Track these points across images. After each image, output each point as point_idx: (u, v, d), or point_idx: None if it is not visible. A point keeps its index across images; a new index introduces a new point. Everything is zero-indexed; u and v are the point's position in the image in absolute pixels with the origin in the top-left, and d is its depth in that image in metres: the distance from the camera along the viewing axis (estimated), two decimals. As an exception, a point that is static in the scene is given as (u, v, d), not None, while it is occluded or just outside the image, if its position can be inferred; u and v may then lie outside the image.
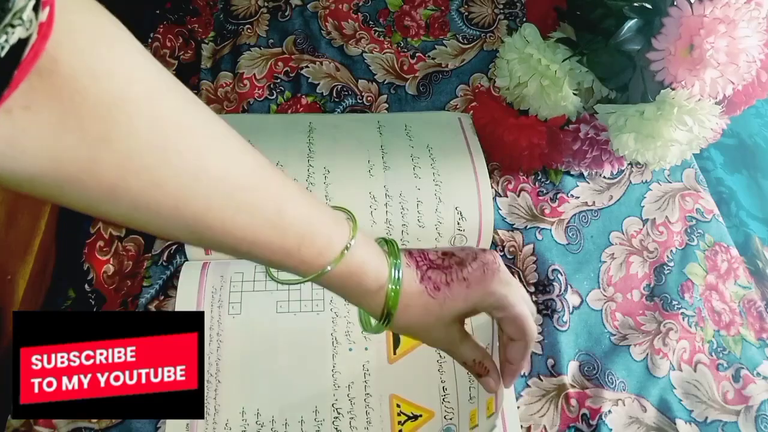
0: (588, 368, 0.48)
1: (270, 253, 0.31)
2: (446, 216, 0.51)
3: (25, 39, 0.19)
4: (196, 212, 0.27)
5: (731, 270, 0.54)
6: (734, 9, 0.41)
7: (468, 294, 0.36)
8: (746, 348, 0.50)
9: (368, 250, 0.35)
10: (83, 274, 0.49)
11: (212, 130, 0.28)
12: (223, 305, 0.47)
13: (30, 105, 0.21)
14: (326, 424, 0.43)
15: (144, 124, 0.25)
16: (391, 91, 0.62)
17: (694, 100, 0.44)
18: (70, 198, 0.25)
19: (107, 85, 0.23)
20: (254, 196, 0.29)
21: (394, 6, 0.67)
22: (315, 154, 0.53)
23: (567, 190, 0.57)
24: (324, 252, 0.32)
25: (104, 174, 0.24)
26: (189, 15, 0.66)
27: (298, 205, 0.32)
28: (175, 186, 0.26)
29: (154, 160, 0.25)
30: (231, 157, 0.29)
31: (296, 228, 0.31)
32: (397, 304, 0.35)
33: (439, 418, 0.43)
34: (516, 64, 0.50)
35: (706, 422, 0.46)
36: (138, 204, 0.26)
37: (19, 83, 0.20)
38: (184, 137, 0.26)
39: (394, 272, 0.35)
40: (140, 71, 0.25)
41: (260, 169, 0.30)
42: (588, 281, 0.52)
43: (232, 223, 0.29)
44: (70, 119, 0.22)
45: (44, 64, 0.21)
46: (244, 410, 0.43)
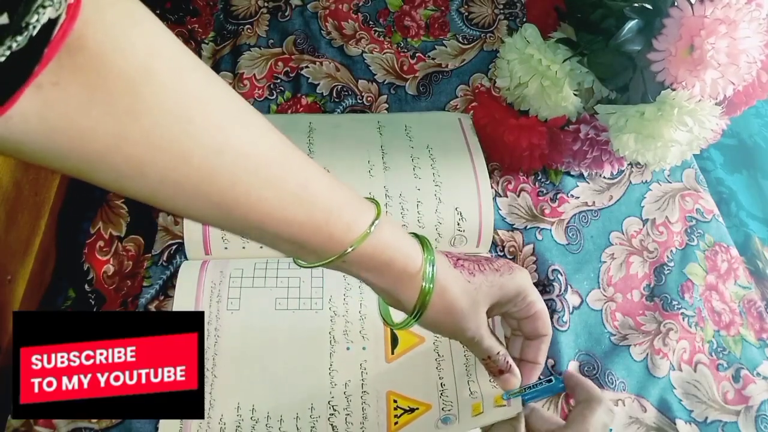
0: (588, 368, 0.48)
1: (298, 230, 0.30)
2: (446, 216, 0.51)
3: (55, 19, 0.20)
4: (222, 187, 0.27)
5: (731, 270, 0.54)
6: (735, 10, 0.41)
7: (500, 281, 0.37)
8: (746, 348, 0.50)
9: (397, 230, 0.35)
10: (83, 274, 0.49)
11: (235, 106, 0.28)
12: (222, 300, 0.47)
13: (59, 81, 0.22)
14: (321, 421, 0.43)
15: (169, 99, 0.25)
16: (391, 91, 0.62)
17: (694, 101, 0.44)
18: (99, 174, 0.25)
19: (132, 59, 0.24)
20: (279, 171, 0.29)
21: (394, 6, 0.67)
22: (315, 154, 0.53)
23: (567, 190, 0.57)
24: (353, 226, 0.32)
25: (131, 148, 0.25)
26: (189, 15, 0.66)
27: (323, 181, 0.31)
28: (200, 160, 0.26)
29: (179, 134, 0.25)
30: (255, 132, 0.29)
31: (323, 202, 0.31)
32: (431, 291, 0.35)
33: (436, 410, 0.43)
34: (516, 65, 0.50)
35: (706, 422, 0.47)
36: (164, 179, 0.26)
37: (49, 61, 0.21)
38: (208, 112, 0.27)
39: (429, 255, 0.35)
40: (164, 47, 0.25)
41: (283, 145, 0.30)
42: (588, 281, 0.52)
43: (258, 198, 0.29)
44: (98, 93, 0.23)
45: (72, 42, 0.22)
46: (240, 406, 0.43)
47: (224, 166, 0.27)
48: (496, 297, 0.37)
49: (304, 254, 0.34)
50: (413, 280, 0.35)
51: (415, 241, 0.36)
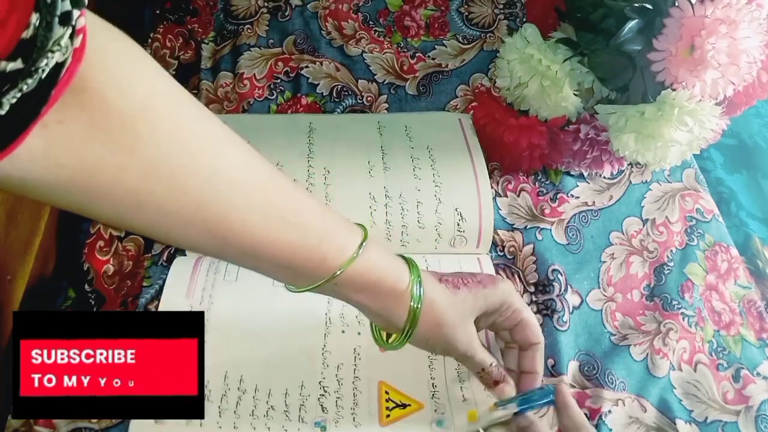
0: (588, 368, 0.48)
1: (291, 254, 0.32)
2: (446, 217, 0.51)
3: (62, 62, 0.21)
4: (217, 214, 0.29)
5: (731, 270, 0.54)
6: (735, 10, 0.41)
7: (484, 292, 0.38)
8: (746, 348, 0.50)
9: (384, 251, 0.36)
10: (83, 274, 0.49)
11: (227, 138, 0.30)
12: (219, 271, 0.47)
13: (63, 119, 0.24)
14: (311, 400, 0.43)
15: (165, 133, 0.27)
16: (391, 91, 0.62)
17: (694, 101, 0.44)
18: (100, 208, 0.27)
19: (131, 98, 0.26)
20: (271, 196, 0.31)
21: (394, 6, 0.67)
22: (315, 154, 0.53)
23: (567, 190, 0.57)
24: (344, 248, 0.33)
25: (131, 181, 0.26)
26: (189, 15, 0.66)
27: (312, 205, 0.33)
28: (195, 189, 0.28)
29: (175, 166, 0.27)
30: (246, 160, 0.31)
31: (315, 226, 0.32)
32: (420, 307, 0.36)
33: (428, 410, 0.43)
34: (516, 65, 0.50)
35: (706, 422, 0.46)
36: (162, 209, 0.28)
37: (56, 101, 0.22)
38: (201, 144, 0.28)
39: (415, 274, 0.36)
40: (159, 85, 0.28)
41: (273, 172, 0.32)
42: (588, 281, 0.52)
43: (252, 224, 0.30)
44: (100, 130, 0.25)
45: (76, 83, 0.23)
46: (227, 374, 0.43)
47: (219, 192, 0.29)
48: (482, 308, 0.39)
49: (296, 279, 0.35)
50: (402, 298, 0.36)
51: (401, 260, 0.37)
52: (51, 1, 0.20)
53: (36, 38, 0.20)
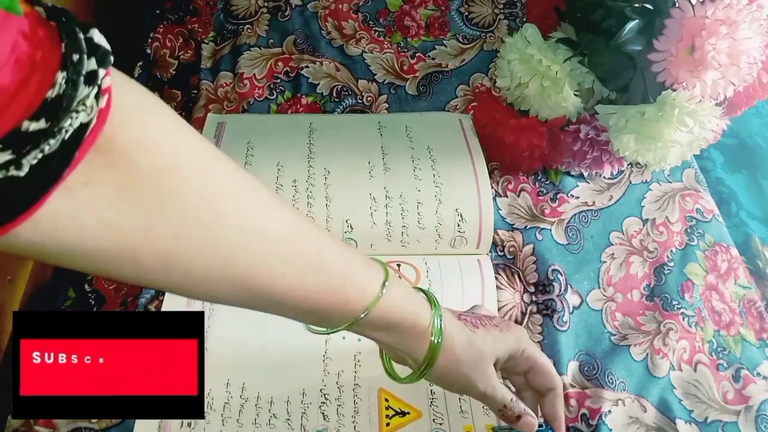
0: (588, 368, 0.48)
1: (315, 299, 0.31)
2: (446, 217, 0.51)
3: (86, 123, 0.21)
4: (244, 269, 0.28)
5: (731, 270, 0.54)
6: (736, 10, 0.41)
7: (501, 335, 0.39)
8: (746, 348, 0.50)
9: (405, 288, 0.36)
10: (83, 274, 0.49)
11: (252, 189, 0.30)
12: None
13: (89, 181, 0.23)
14: (313, 408, 0.43)
15: (192, 191, 0.26)
16: (391, 91, 0.62)
17: (694, 102, 0.44)
18: (126, 270, 0.26)
19: (158, 157, 0.25)
20: (297, 244, 0.30)
21: (394, 6, 0.67)
22: (315, 154, 0.53)
23: (567, 190, 0.57)
24: (366, 289, 0.33)
25: (158, 241, 0.25)
26: (189, 15, 0.66)
27: (335, 249, 0.32)
28: (223, 245, 0.27)
29: (203, 223, 0.26)
30: (272, 211, 0.30)
31: (337, 268, 0.32)
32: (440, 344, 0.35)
33: (427, 420, 0.43)
34: (517, 65, 0.50)
35: (706, 422, 0.47)
36: (189, 267, 0.27)
37: (79, 163, 0.22)
38: (229, 199, 0.28)
39: (436, 309, 0.36)
40: (185, 142, 0.27)
41: (297, 218, 0.31)
42: (588, 281, 0.52)
43: (279, 274, 0.30)
44: (126, 191, 0.24)
45: (101, 143, 0.22)
46: (230, 383, 0.43)
47: (246, 246, 0.28)
48: (500, 351, 0.38)
49: (320, 322, 0.35)
50: (423, 335, 0.35)
51: (421, 296, 0.37)
52: (77, 60, 0.20)
53: (62, 98, 0.19)
